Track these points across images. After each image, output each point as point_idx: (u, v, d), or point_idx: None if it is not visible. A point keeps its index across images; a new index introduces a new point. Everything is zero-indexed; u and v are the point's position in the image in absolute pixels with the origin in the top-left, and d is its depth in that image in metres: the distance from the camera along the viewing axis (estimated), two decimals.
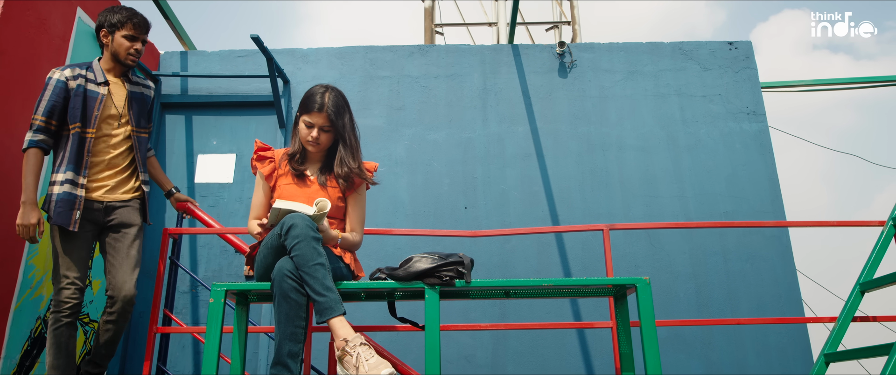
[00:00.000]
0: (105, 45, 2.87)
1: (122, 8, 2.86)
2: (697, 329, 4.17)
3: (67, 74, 2.75)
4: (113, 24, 2.83)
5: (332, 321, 2.03)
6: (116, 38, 2.85)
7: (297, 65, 4.91)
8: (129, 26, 2.84)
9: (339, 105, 2.49)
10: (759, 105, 4.77)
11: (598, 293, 2.55)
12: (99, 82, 2.83)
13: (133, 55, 2.88)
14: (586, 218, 4.48)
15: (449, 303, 4.17)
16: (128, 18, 2.84)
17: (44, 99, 2.72)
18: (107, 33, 2.86)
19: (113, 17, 2.83)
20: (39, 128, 2.70)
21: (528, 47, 5.02)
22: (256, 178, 2.59)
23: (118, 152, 2.87)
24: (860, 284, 3.05)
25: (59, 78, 2.74)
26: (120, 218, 2.85)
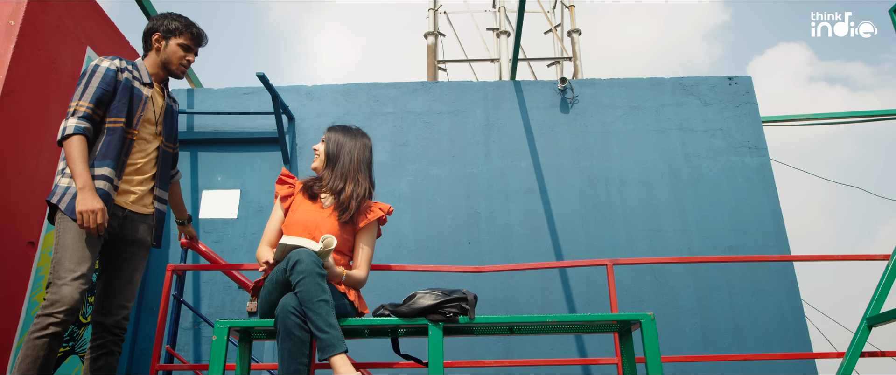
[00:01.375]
0: (156, 49, 2.67)
1: (181, 16, 2.71)
2: (704, 365, 4.12)
3: (117, 64, 2.52)
4: (170, 30, 2.66)
5: (334, 359, 2.01)
6: (171, 44, 2.66)
7: (302, 102, 4.98)
8: (187, 36, 2.68)
9: (345, 130, 2.71)
10: (760, 139, 4.80)
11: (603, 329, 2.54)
12: (144, 82, 2.62)
13: (184, 66, 2.71)
14: (590, 252, 4.47)
15: (453, 340, 4.14)
16: (187, 27, 2.68)
17: (91, 85, 2.44)
18: (161, 38, 2.66)
19: (172, 23, 2.66)
20: (86, 115, 2.40)
21: (530, 83, 5.08)
22: (275, 203, 2.67)
23: (148, 160, 2.62)
24: (867, 319, 3.02)
25: (109, 66, 2.49)
26: (135, 233, 2.57)
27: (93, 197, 2.29)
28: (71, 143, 2.36)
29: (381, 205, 2.66)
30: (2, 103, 3.13)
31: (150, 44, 2.67)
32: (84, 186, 2.30)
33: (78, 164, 2.32)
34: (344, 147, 2.63)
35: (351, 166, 2.61)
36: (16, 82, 3.22)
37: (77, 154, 2.33)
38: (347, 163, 2.61)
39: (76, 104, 2.41)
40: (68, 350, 3.64)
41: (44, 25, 3.46)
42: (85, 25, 3.85)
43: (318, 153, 2.66)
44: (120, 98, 2.49)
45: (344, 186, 2.57)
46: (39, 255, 3.38)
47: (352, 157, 2.62)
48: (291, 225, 2.51)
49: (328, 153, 2.64)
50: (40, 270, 3.38)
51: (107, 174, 2.42)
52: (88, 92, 2.43)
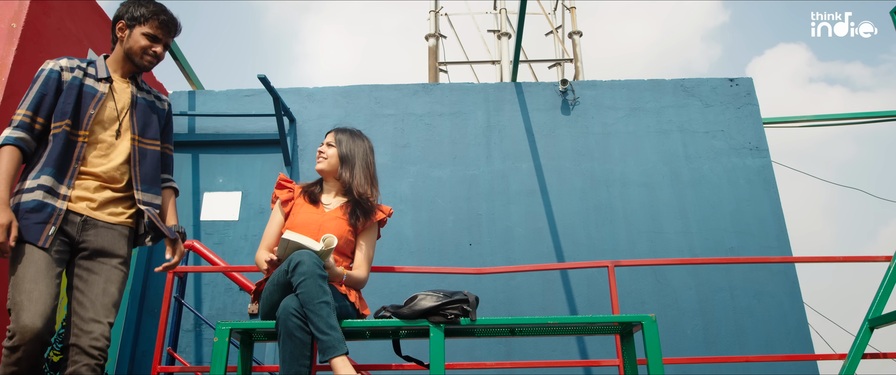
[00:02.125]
0: (119, 39, 2.34)
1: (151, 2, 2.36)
2: (705, 367, 4.11)
3: (63, 64, 2.25)
4: (135, 17, 2.31)
5: (334, 360, 2.02)
6: (135, 34, 2.32)
7: (303, 104, 4.98)
8: (153, 23, 2.32)
9: (352, 133, 2.72)
10: (761, 140, 4.80)
11: (604, 331, 2.54)
12: (100, 78, 2.30)
13: (150, 57, 2.35)
14: (591, 254, 4.47)
15: (454, 341, 4.14)
16: (154, 14, 2.33)
17: (32, 92, 2.19)
18: (125, 26, 2.32)
19: (137, 9, 2.32)
20: (21, 123, 2.13)
21: (531, 85, 5.08)
22: (274, 209, 2.67)
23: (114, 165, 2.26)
24: (869, 320, 3.02)
25: (53, 67, 2.23)
26: (100, 242, 2.18)
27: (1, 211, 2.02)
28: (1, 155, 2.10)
29: (382, 208, 2.69)
30: (4, 105, 3.13)
31: (115, 35, 2.36)
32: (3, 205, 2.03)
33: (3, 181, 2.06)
34: (357, 150, 2.66)
35: (368, 170, 2.65)
36: (18, 84, 3.23)
37: (2, 168, 2.07)
38: (364, 167, 2.65)
39: (15, 113, 2.18)
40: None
41: (45, 28, 3.47)
42: (86, 28, 3.86)
43: (325, 155, 2.65)
44: (65, 100, 2.20)
45: (366, 189, 2.61)
46: None
47: (366, 162, 2.67)
48: (293, 228, 2.51)
49: (342, 156, 2.65)
50: None
51: (46, 184, 2.12)
52: (28, 98, 2.19)
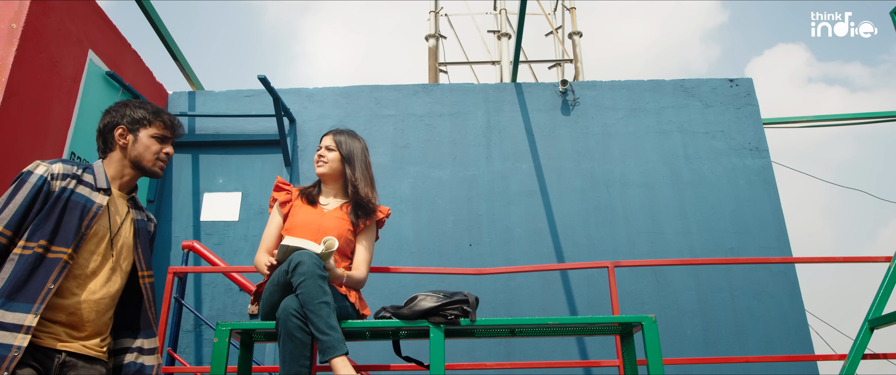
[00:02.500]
0: (122, 147, 1.99)
1: (141, 101, 2.08)
2: (705, 367, 4.11)
3: (56, 170, 1.85)
4: (137, 120, 2.00)
5: (334, 360, 2.01)
6: (141, 137, 1.99)
7: (303, 105, 4.98)
8: (159, 124, 2.03)
9: (350, 133, 2.72)
10: (761, 141, 4.80)
11: (604, 331, 2.54)
12: (98, 187, 1.91)
13: (162, 162, 2.05)
14: (591, 254, 4.47)
15: (454, 342, 4.14)
16: (156, 114, 2.03)
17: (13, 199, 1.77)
18: (126, 132, 1.99)
19: (134, 111, 2.01)
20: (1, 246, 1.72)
21: (531, 85, 5.08)
22: (271, 212, 2.67)
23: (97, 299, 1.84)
24: (869, 321, 3.02)
25: (43, 173, 1.82)
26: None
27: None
28: None
29: (380, 208, 2.70)
30: (4, 105, 3.13)
31: (111, 142, 2.00)
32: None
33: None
34: (356, 152, 2.68)
35: (369, 171, 2.67)
36: (18, 85, 3.23)
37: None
38: (364, 167, 2.66)
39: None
40: None
41: (45, 28, 3.47)
42: (86, 28, 3.86)
43: (326, 159, 2.65)
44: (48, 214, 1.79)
45: (369, 191, 2.63)
46: None
47: (365, 162, 2.69)
48: (293, 229, 2.52)
49: (345, 157, 2.65)
50: None
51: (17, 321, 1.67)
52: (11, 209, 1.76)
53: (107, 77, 4.03)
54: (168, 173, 4.82)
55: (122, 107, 2.03)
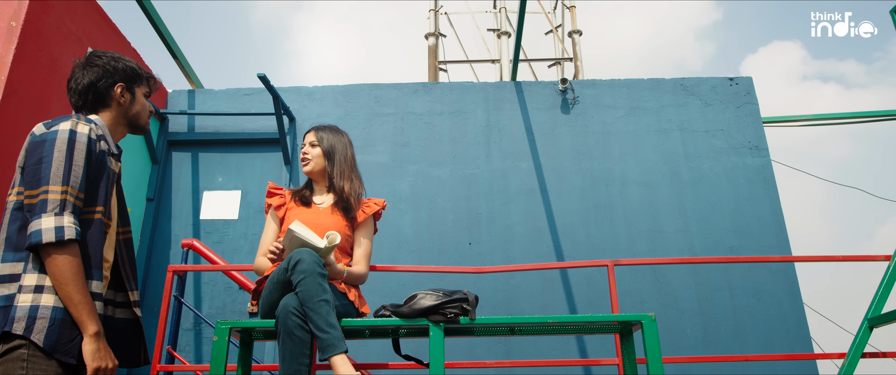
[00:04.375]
0: (120, 104, 1.90)
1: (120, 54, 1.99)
2: (705, 366, 4.11)
3: (96, 131, 1.77)
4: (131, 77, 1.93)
5: (334, 359, 2.02)
6: (138, 96, 1.95)
7: (303, 103, 4.98)
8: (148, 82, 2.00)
9: (332, 129, 2.72)
10: (761, 139, 4.80)
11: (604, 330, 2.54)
12: (114, 152, 1.86)
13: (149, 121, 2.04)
14: (591, 253, 4.47)
15: (453, 340, 4.14)
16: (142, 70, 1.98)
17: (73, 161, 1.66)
18: (125, 89, 1.91)
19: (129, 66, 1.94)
20: (75, 207, 1.64)
21: (530, 84, 5.08)
22: (267, 218, 2.66)
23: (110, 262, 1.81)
24: (868, 319, 3.02)
25: (90, 134, 1.73)
26: None
27: (107, 350, 1.63)
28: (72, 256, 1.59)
29: (375, 201, 2.70)
30: (3, 104, 3.13)
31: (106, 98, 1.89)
32: (97, 331, 1.60)
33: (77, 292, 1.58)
34: (337, 146, 2.68)
35: (346, 164, 2.66)
36: (17, 83, 3.23)
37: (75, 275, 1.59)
38: (342, 161, 2.66)
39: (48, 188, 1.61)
40: None
41: (45, 26, 3.46)
42: (86, 26, 3.86)
43: (310, 156, 2.65)
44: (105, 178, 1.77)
45: (344, 184, 2.61)
46: None
47: (345, 156, 2.68)
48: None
49: (326, 152, 2.65)
50: None
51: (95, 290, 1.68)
52: (74, 169, 1.65)
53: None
54: (168, 171, 4.82)
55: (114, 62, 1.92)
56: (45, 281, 1.58)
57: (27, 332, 1.52)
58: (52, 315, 1.56)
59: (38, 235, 1.55)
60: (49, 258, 1.56)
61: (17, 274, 1.59)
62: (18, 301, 1.55)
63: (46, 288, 1.58)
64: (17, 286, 1.57)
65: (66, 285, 1.56)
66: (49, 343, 1.53)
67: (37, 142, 1.67)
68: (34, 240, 1.55)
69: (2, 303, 1.55)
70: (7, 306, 1.54)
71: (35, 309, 1.55)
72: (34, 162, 1.64)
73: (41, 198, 1.59)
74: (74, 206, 1.63)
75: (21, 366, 1.50)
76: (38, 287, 1.58)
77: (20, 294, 1.56)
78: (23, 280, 1.58)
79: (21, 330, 1.52)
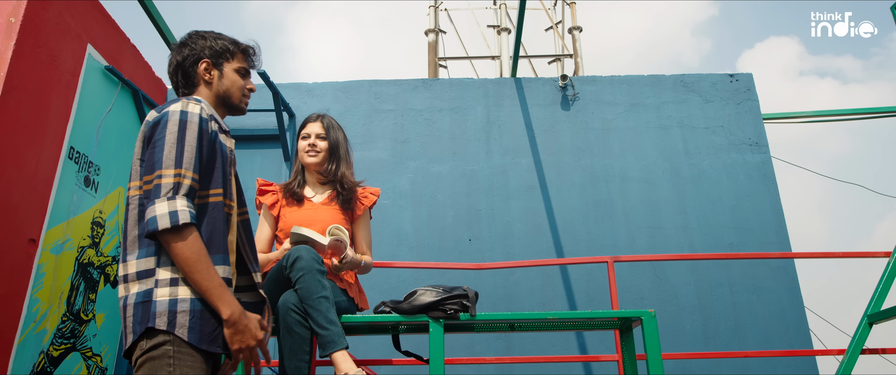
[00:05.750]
0: (207, 82, 1.81)
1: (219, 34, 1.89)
2: (704, 362, 4.12)
3: (207, 110, 1.70)
4: (219, 52, 1.83)
5: (334, 355, 2.02)
6: (227, 72, 1.84)
7: (303, 100, 4.97)
8: (240, 56, 1.87)
9: (333, 121, 2.67)
10: (761, 136, 4.80)
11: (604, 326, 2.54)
12: (224, 129, 1.79)
13: (247, 98, 1.90)
14: (591, 249, 4.48)
15: (453, 337, 4.14)
16: (235, 44, 1.87)
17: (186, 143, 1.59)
18: (210, 66, 1.81)
19: (215, 42, 1.84)
20: (192, 191, 1.57)
21: (530, 80, 5.08)
22: (260, 215, 2.64)
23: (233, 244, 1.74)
24: (868, 316, 3.02)
25: (202, 114, 1.65)
26: None
27: (250, 320, 1.59)
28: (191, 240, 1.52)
29: (371, 190, 2.68)
30: (2, 100, 3.13)
31: (193, 77, 1.82)
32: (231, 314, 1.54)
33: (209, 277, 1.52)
34: (340, 140, 2.65)
35: (346, 157, 2.64)
36: (16, 79, 3.22)
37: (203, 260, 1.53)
38: (344, 155, 2.64)
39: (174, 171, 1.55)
40: (69, 348, 3.65)
41: (44, 22, 3.46)
42: (85, 22, 3.85)
43: (318, 149, 2.58)
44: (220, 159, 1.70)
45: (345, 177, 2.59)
46: (40, 253, 3.38)
47: (346, 149, 2.67)
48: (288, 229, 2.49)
49: (332, 146, 2.61)
50: (41, 267, 3.39)
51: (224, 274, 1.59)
52: (186, 151, 1.58)
53: (106, 71, 4.02)
54: None
55: (201, 39, 1.84)
56: (178, 272, 1.53)
57: (170, 327, 1.47)
58: (191, 307, 1.51)
59: (153, 222, 1.49)
60: (169, 246, 1.51)
61: (152, 270, 1.53)
62: (156, 295, 1.50)
63: (181, 279, 1.53)
64: (153, 281, 1.52)
65: (192, 272, 1.50)
66: (193, 336, 1.49)
67: (150, 129, 1.62)
68: (151, 228, 1.49)
69: (141, 299, 1.51)
70: (147, 301, 1.50)
71: (174, 302, 1.50)
72: (150, 148, 1.59)
73: (155, 184, 1.53)
74: (190, 188, 1.56)
75: (168, 363, 1.46)
76: (173, 279, 1.53)
77: (157, 288, 1.51)
78: (157, 274, 1.53)
79: (164, 325, 1.47)
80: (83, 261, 3.79)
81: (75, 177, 3.71)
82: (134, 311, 1.50)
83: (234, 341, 1.54)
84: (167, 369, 1.45)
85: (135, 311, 1.50)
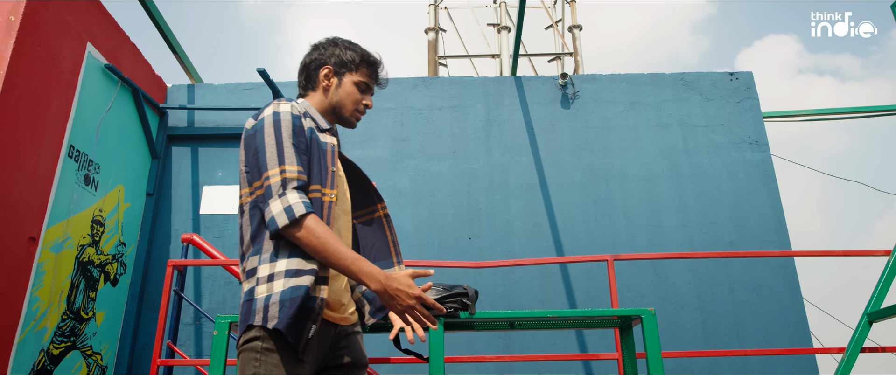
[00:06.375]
0: (325, 89, 1.82)
1: (351, 42, 1.90)
2: (704, 361, 4.12)
3: (300, 108, 1.71)
4: (344, 62, 1.83)
5: None
6: (345, 83, 1.82)
7: None
8: (364, 71, 1.85)
9: None
10: (761, 134, 4.79)
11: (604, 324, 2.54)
12: (323, 128, 1.78)
13: (360, 113, 1.87)
14: (591, 248, 4.48)
15: (453, 335, 4.14)
16: (364, 58, 1.85)
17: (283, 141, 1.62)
18: (331, 73, 1.82)
19: (345, 52, 1.84)
20: (302, 183, 1.59)
21: (530, 79, 5.07)
22: None
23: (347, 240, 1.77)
24: (868, 314, 3.02)
25: (293, 112, 1.67)
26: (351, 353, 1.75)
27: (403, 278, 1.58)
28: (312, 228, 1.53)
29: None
30: (2, 98, 3.12)
31: (314, 81, 1.84)
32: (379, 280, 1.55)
33: (345, 253, 1.54)
34: None
35: None
36: (16, 78, 3.22)
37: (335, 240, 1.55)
38: None
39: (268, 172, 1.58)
40: (69, 346, 3.65)
41: (44, 21, 3.46)
42: (85, 21, 3.85)
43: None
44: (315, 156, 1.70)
45: None
46: (40, 251, 3.38)
47: None
48: None
49: None
50: (41, 266, 3.39)
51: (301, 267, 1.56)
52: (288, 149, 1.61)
53: (105, 70, 4.02)
54: (168, 166, 4.81)
55: (332, 46, 1.85)
56: (274, 269, 1.55)
57: (264, 322, 1.50)
58: (280, 298, 1.51)
59: (273, 223, 1.53)
60: (294, 240, 1.54)
61: (255, 269, 1.58)
62: (257, 293, 1.54)
63: (276, 274, 1.54)
64: (255, 279, 1.56)
65: (324, 256, 1.53)
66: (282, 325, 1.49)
67: (249, 136, 1.66)
68: (272, 228, 1.53)
69: (246, 298, 1.56)
70: (250, 299, 1.55)
71: (268, 298, 1.52)
72: (252, 155, 1.63)
73: (266, 186, 1.58)
74: (298, 181, 1.58)
75: (255, 357, 1.50)
76: (270, 276, 1.55)
77: (257, 286, 1.55)
78: (258, 272, 1.56)
79: (260, 321, 1.50)
80: (83, 260, 3.79)
81: (75, 176, 3.71)
82: (242, 309, 1.56)
83: (393, 306, 1.56)
84: (253, 364, 1.49)
85: (242, 309, 1.56)
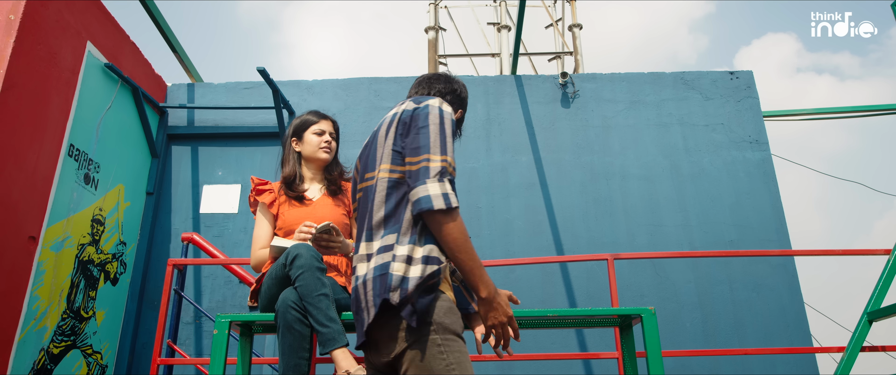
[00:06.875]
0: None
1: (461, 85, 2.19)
2: (704, 360, 4.12)
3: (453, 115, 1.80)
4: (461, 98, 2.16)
5: (335, 352, 2.02)
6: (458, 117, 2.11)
7: (303, 97, 4.97)
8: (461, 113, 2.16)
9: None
10: (761, 134, 4.79)
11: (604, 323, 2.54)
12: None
13: None
14: (591, 247, 4.48)
15: None
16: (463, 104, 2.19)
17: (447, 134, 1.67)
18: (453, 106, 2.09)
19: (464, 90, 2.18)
20: (453, 180, 1.65)
21: (530, 78, 5.07)
22: (257, 213, 2.63)
23: None
24: (867, 314, 3.02)
25: (451, 114, 1.75)
26: None
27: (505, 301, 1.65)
28: (460, 222, 1.57)
29: None
30: (2, 98, 3.12)
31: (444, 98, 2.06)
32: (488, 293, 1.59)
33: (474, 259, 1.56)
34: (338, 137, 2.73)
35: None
36: (16, 77, 3.22)
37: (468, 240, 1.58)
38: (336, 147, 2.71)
39: (440, 158, 1.61)
40: (70, 345, 3.65)
41: (44, 20, 3.45)
42: (85, 20, 3.85)
43: (333, 147, 2.64)
44: None
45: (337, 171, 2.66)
46: (40, 250, 3.38)
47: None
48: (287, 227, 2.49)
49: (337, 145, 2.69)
50: (41, 265, 3.39)
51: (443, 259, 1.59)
52: (448, 141, 1.66)
53: (105, 69, 4.02)
54: (168, 165, 4.81)
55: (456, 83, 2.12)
56: (415, 252, 1.56)
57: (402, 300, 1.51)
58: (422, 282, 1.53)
59: (427, 201, 1.53)
60: (439, 225, 1.54)
61: (391, 245, 1.58)
62: (393, 269, 1.54)
63: (415, 259, 1.56)
64: (391, 255, 1.57)
65: (460, 251, 1.54)
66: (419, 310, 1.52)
67: (415, 115, 1.69)
68: (424, 206, 1.53)
69: (379, 273, 1.56)
70: (383, 274, 1.55)
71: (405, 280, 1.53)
72: (415, 132, 1.65)
73: (422, 166, 1.58)
74: (451, 177, 1.62)
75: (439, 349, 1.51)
76: (409, 257, 1.55)
77: (394, 262, 1.55)
78: (396, 249, 1.56)
79: (396, 299, 1.51)
80: (83, 259, 3.79)
81: (75, 175, 3.71)
82: (373, 285, 1.55)
83: (488, 317, 1.61)
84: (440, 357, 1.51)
85: (373, 285, 1.55)
